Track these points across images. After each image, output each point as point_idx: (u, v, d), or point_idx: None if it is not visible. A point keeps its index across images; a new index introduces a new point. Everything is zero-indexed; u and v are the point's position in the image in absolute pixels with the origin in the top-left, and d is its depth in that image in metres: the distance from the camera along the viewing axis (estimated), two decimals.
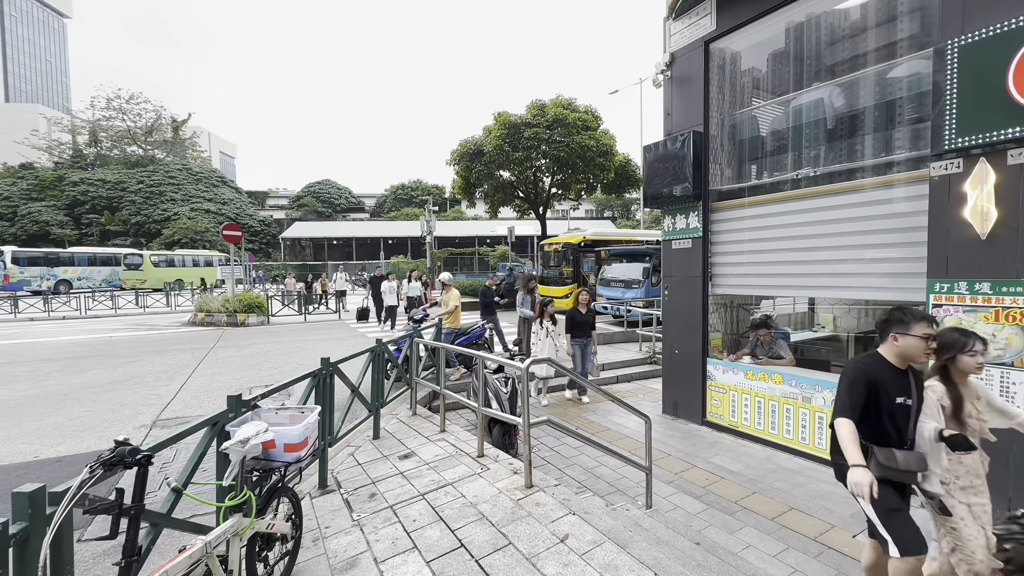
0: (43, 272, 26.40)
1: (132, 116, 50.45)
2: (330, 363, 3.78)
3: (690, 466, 4.69)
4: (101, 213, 40.42)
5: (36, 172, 42.83)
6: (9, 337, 12.11)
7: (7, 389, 6.92)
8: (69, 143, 49.70)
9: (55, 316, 16.83)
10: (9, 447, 4.76)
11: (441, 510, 3.23)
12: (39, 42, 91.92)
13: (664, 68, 6.10)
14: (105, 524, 3.21)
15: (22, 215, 37.69)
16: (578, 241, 15.90)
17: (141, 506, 1.68)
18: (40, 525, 1.47)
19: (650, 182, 6.11)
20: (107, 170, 44.57)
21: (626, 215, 59.81)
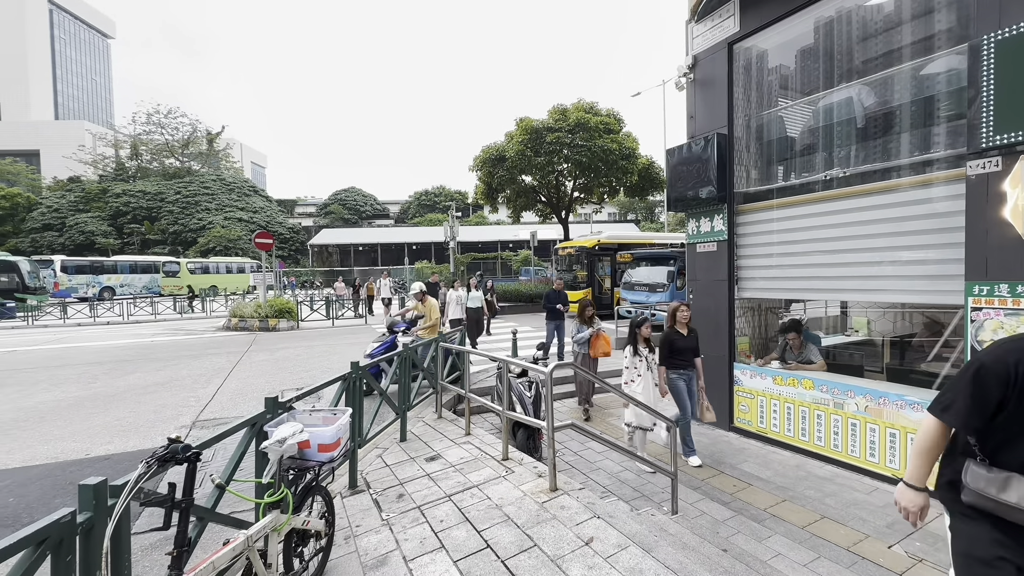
0: (89, 279, 27.84)
1: (170, 130, 52.78)
2: (359, 367, 3.90)
3: (717, 472, 4.63)
4: (141, 223, 42.35)
5: (83, 185, 45.20)
6: (60, 341, 12.82)
7: (60, 391, 7.34)
8: (112, 157, 52.32)
9: (100, 321, 17.71)
10: (63, 445, 5.06)
11: (467, 511, 3.29)
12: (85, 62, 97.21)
13: (687, 71, 6.08)
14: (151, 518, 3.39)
15: (70, 226, 39.80)
16: (592, 245, 15.83)
17: (191, 500, 1.79)
18: (102, 515, 1.59)
19: (674, 185, 6.08)
20: (147, 182, 46.68)
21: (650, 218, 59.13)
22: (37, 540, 1.40)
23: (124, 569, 1.73)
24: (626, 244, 16.77)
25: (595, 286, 15.72)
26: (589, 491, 3.57)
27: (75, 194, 43.07)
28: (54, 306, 20.50)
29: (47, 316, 18.59)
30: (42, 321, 17.69)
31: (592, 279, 15.63)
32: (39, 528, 1.41)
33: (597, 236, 16.52)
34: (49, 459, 4.71)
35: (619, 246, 16.54)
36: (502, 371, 4.52)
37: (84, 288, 27.21)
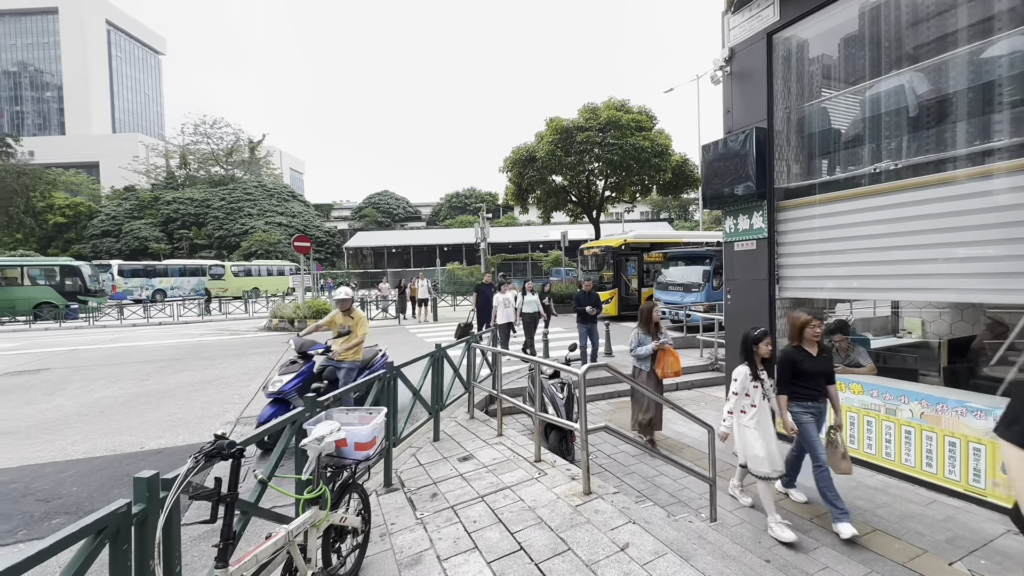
0: (142, 282, 29.55)
1: (215, 139, 55.43)
2: (393, 367, 3.97)
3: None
4: (190, 228, 44.62)
5: (137, 193, 48.05)
6: (116, 341, 13.64)
7: (117, 387, 7.80)
8: (163, 166, 55.36)
9: (152, 322, 18.75)
10: (121, 439, 5.37)
11: (500, 512, 3.29)
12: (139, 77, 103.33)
13: (723, 64, 5.89)
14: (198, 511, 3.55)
15: (126, 232, 42.37)
16: (618, 244, 15.54)
17: (235, 494, 1.86)
18: (155, 507, 1.67)
19: (710, 182, 5.91)
20: (194, 189, 49.14)
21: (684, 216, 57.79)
22: (97, 529, 1.48)
23: (175, 559, 1.81)
24: (654, 243, 16.42)
25: (622, 287, 15.45)
26: (624, 495, 3.50)
27: (130, 202, 45.82)
28: (112, 307, 21.86)
29: (106, 317, 19.83)
30: (101, 322, 18.89)
31: (618, 280, 15.37)
32: (99, 518, 1.49)
33: (623, 236, 16.25)
34: (108, 451, 5.01)
35: (647, 245, 16.20)
36: (534, 372, 4.50)
37: (138, 290, 28.91)
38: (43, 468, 4.59)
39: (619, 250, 15.50)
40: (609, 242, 16.00)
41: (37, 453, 4.98)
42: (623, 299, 15.31)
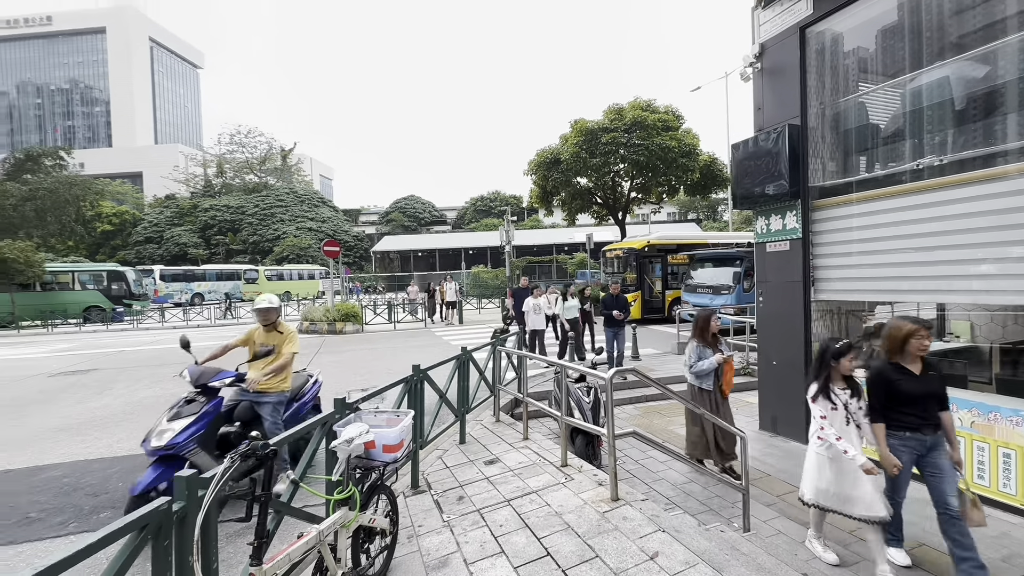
0: (182, 287, 30.83)
1: (249, 148, 57.53)
2: (420, 370, 4.01)
3: (793, 488, 4.29)
4: (226, 234, 46.35)
5: (177, 202, 50.24)
6: (158, 343, 14.26)
7: (159, 388, 8.15)
8: (201, 175, 57.76)
9: (191, 324, 19.53)
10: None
11: (527, 517, 3.27)
12: (178, 91, 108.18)
13: (753, 60, 5.74)
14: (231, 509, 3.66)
15: (167, 238, 44.35)
16: (641, 246, 15.30)
17: (269, 494, 1.91)
18: (194, 505, 1.72)
19: (740, 182, 5.76)
20: (230, 197, 51.05)
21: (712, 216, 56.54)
22: (140, 525, 1.55)
23: (212, 555, 1.86)
24: (679, 244, 16.10)
25: (645, 289, 15.21)
26: (652, 502, 3.44)
27: (171, 210, 47.93)
28: (154, 311, 22.89)
29: (148, 320, 20.77)
30: (144, 324, 19.80)
31: (642, 282, 15.12)
32: (142, 514, 1.55)
33: (646, 237, 16.00)
34: None
35: (672, 247, 15.89)
36: (560, 376, 4.48)
37: (178, 294, 30.16)
38: (92, 464, 4.83)
39: (642, 252, 15.28)
40: (632, 244, 15.80)
41: (87, 449, 5.25)
42: (647, 302, 15.08)
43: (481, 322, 17.38)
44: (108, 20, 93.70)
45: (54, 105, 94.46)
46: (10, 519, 3.74)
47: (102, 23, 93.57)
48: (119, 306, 21.79)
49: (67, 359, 11.57)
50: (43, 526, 3.63)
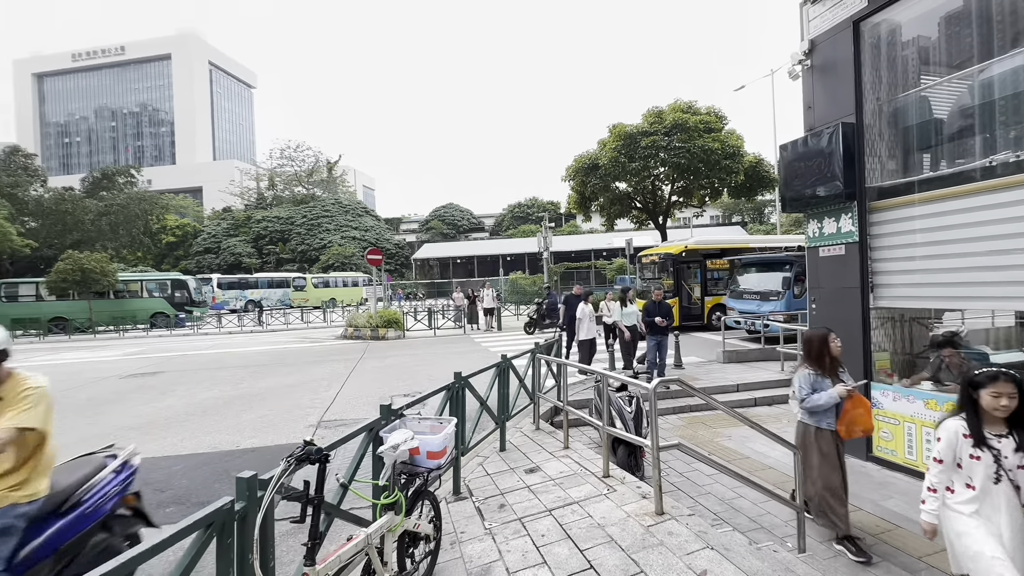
0: (237, 294, 32.62)
1: (298, 162, 60.40)
2: (462, 377, 4.06)
3: (854, 508, 4.04)
4: (276, 244, 48.72)
5: (232, 214, 53.32)
6: (215, 347, 15.14)
7: (217, 390, 8.64)
8: (254, 188, 61.09)
9: (245, 330, 20.61)
10: (220, 437, 5.94)
11: (568, 528, 3.24)
12: (235, 109, 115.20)
13: (802, 57, 5.52)
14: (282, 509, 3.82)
15: (223, 249, 47.09)
16: (678, 251, 14.80)
17: (321, 497, 1.99)
18: (254, 505, 1.82)
19: (789, 184, 5.53)
20: (280, 208, 53.66)
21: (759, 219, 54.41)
22: (207, 523, 1.65)
23: (270, 554, 1.96)
24: (723, 249, 15.50)
25: (683, 296, 14.74)
26: (699, 517, 3.33)
27: (227, 222, 50.89)
28: (212, 317, 24.33)
29: (207, 325, 22.09)
30: (203, 329, 21.07)
31: (679, 288, 14.64)
32: (209, 512, 1.66)
33: (684, 242, 15.51)
34: (209, 448, 5.55)
35: (712, 251, 15.32)
36: (600, 385, 4.42)
37: (233, 301, 31.93)
38: (158, 461, 5.17)
39: (680, 257, 14.81)
40: (669, 248, 15.36)
41: (154, 447, 5.63)
42: (685, 308, 14.63)
43: (519, 329, 17.41)
44: (173, 47, 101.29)
45: (126, 127, 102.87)
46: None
47: (168, 50, 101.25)
48: (182, 312, 23.30)
49: (136, 362, 12.47)
50: None
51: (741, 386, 7.77)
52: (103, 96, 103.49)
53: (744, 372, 8.60)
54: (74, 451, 5.15)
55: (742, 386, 7.78)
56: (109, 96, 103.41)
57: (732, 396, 7.45)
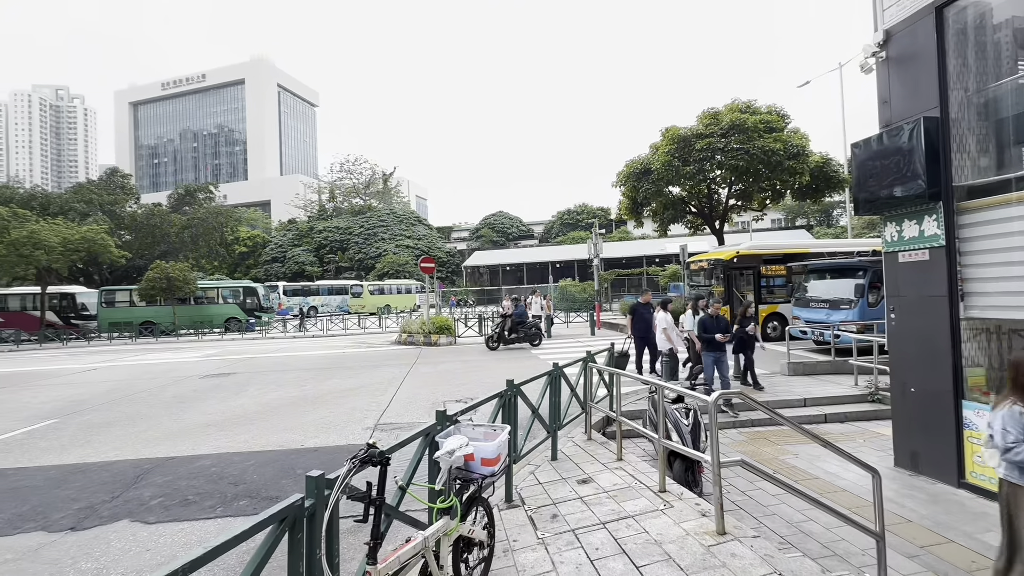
0: (300, 301, 34.58)
1: (356, 175, 63.53)
2: (514, 385, 4.08)
3: (943, 540, 3.67)
4: (336, 253, 51.28)
5: (296, 225, 56.73)
6: (281, 351, 16.10)
7: (283, 391, 9.18)
8: (316, 201, 64.73)
9: (308, 335, 21.78)
10: (286, 436, 6.30)
11: (623, 543, 3.16)
12: (299, 127, 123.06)
13: (876, 49, 5.16)
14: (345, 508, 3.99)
15: (288, 258, 50.16)
16: (729, 257, 13.95)
17: (383, 498, 2.06)
18: (322, 503, 1.92)
19: (863, 184, 5.16)
20: (340, 219, 56.49)
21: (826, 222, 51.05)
22: (280, 518, 1.76)
23: (335, 550, 2.05)
24: (775, 255, 14.53)
25: (734, 304, 13.96)
26: (765, 540, 3.14)
27: (292, 233, 54.20)
28: (278, 321, 25.92)
29: (274, 330, 23.56)
30: (271, 334, 22.48)
31: (730, 296, 13.85)
32: (282, 508, 1.76)
33: (736, 247, 14.67)
34: (277, 446, 5.89)
35: (765, 257, 14.39)
36: (656, 396, 4.30)
37: (297, 308, 33.88)
38: (232, 456, 5.56)
39: (731, 263, 13.99)
40: (720, 254, 14.59)
41: (228, 443, 6.05)
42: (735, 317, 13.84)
43: (569, 336, 17.25)
44: (246, 72, 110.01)
45: (205, 147, 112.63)
46: (174, 500, 4.42)
47: (242, 76, 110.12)
48: (252, 317, 25.00)
49: (213, 363, 13.50)
50: (197, 508, 4.24)
51: (809, 401, 7.28)
52: (186, 120, 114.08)
53: (812, 386, 8.05)
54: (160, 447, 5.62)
55: (810, 401, 7.29)
56: (192, 119, 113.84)
57: (798, 411, 7.00)
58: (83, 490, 4.71)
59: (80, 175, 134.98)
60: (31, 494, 4.65)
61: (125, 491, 4.65)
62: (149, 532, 3.84)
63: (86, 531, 3.88)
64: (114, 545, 3.65)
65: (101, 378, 11.62)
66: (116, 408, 8.21)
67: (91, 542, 3.70)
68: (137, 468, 5.25)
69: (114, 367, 13.65)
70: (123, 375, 12.00)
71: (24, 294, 25.43)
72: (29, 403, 8.95)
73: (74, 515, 4.17)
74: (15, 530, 3.93)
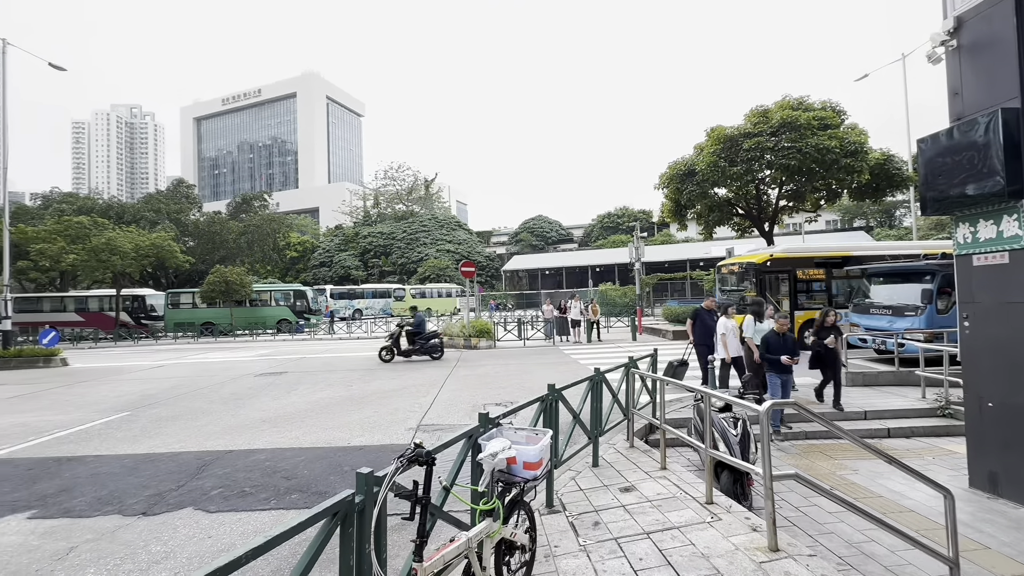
0: (346, 303, 35.87)
1: (399, 181, 65.37)
2: (555, 389, 4.07)
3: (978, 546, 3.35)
4: (380, 258, 52.87)
5: (343, 231, 58.93)
6: (328, 351, 16.74)
7: (330, 391, 9.54)
8: (361, 207, 67.06)
9: (353, 337, 22.54)
10: (333, 434, 6.53)
11: (668, 554, 3.08)
12: (346, 137, 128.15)
13: (946, 37, 4.81)
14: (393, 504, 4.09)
15: (335, 262, 52.16)
16: (762, 260, 13.13)
17: (428, 497, 2.11)
18: (371, 499, 1.98)
19: (932, 182, 4.81)
20: (383, 224, 58.26)
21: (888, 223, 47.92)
22: (332, 512, 1.83)
23: (383, 545, 2.11)
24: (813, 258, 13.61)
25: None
26: (821, 560, 2.97)
27: (338, 238, 56.34)
28: (325, 323, 26.99)
29: (321, 331, 24.52)
30: (318, 335, 23.41)
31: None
32: (334, 502, 1.84)
33: (770, 250, 13.85)
34: (325, 444, 6.12)
35: (802, 260, 13.46)
36: (702, 404, 4.17)
37: (343, 311, 35.15)
38: (285, 452, 5.82)
39: (763, 267, 13.16)
40: (751, 257, 13.76)
41: (281, 439, 6.35)
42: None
43: (609, 341, 17.00)
44: (298, 86, 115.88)
45: (260, 158, 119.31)
46: (232, 491, 4.68)
47: (294, 89, 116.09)
48: (301, 319, 26.17)
49: (266, 362, 14.21)
50: (254, 500, 4.47)
51: (870, 413, 6.83)
52: (244, 132, 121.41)
53: (873, 397, 7.55)
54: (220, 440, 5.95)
55: (871, 413, 6.83)
56: (248, 132, 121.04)
57: (858, 424, 6.59)
58: (153, 478, 5.08)
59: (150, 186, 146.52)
60: (108, 480, 5.06)
61: (189, 481, 4.97)
62: (210, 520, 4.08)
63: (155, 516, 4.17)
64: (180, 531, 3.90)
65: (167, 375, 12.48)
66: (181, 403, 8.80)
67: (160, 527, 3.98)
68: (200, 460, 5.60)
69: (178, 364, 14.64)
70: (186, 372, 12.85)
71: (101, 296, 27.79)
72: (107, 396, 9.73)
73: (145, 501, 4.49)
74: (96, 512, 4.28)
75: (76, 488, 4.86)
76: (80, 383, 11.67)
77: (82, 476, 5.20)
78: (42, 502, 4.55)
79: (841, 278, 13.57)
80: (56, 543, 3.76)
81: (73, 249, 23.03)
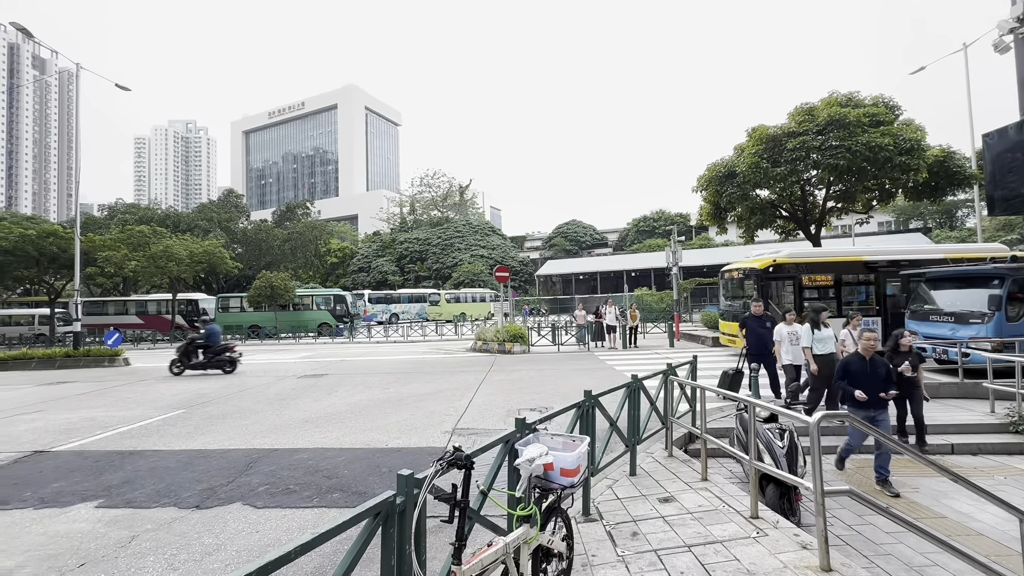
0: (383, 308, 36.75)
1: (434, 188, 66.60)
2: (592, 396, 4.02)
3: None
4: (416, 263, 53.91)
5: (380, 237, 60.48)
6: (367, 354, 17.17)
7: (369, 393, 9.78)
8: (398, 214, 68.69)
9: (390, 340, 23.04)
10: (372, 435, 6.69)
11: (711, 569, 2.97)
12: (384, 146, 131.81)
13: (1015, 25, 4.50)
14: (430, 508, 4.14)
15: (373, 268, 53.57)
16: (764, 266, 12.30)
17: (467, 501, 2.12)
18: (411, 500, 2.02)
19: (999, 180, 4.50)
20: (419, 230, 59.41)
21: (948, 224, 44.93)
22: (375, 512, 1.87)
23: (423, 546, 2.14)
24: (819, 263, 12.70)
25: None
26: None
27: (376, 244, 57.86)
28: (364, 327, 27.73)
29: (359, 335, 25.18)
30: (357, 339, 24.06)
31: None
32: (377, 503, 1.88)
33: (774, 255, 13.02)
34: (364, 445, 6.27)
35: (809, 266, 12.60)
36: (745, 414, 4.02)
37: (380, 314, 36.03)
38: (326, 452, 6.01)
39: (766, 273, 12.39)
40: (754, 263, 12.93)
41: (322, 439, 6.55)
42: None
43: (645, 347, 16.66)
44: (339, 98, 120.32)
45: (303, 168, 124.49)
46: (278, 488, 4.87)
47: (335, 101, 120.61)
48: (340, 323, 26.99)
49: (307, 364, 14.73)
50: (297, 497, 4.63)
51: (930, 427, 6.37)
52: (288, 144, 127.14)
53: (933, 411, 7.04)
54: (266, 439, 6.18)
55: (932, 427, 6.37)
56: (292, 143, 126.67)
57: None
58: (205, 473, 5.34)
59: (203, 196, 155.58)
60: (165, 474, 5.36)
61: (238, 477, 5.20)
62: (258, 515, 4.26)
63: (208, 510, 4.39)
64: (230, 525, 4.09)
65: (218, 375, 13.14)
66: (230, 402, 9.23)
67: (212, 520, 4.18)
68: (247, 457, 5.85)
69: None
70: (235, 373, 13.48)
71: (159, 300, 29.60)
72: (164, 394, 10.34)
73: (198, 495, 4.73)
74: (154, 504, 4.55)
75: (137, 480, 5.18)
76: (140, 381, 12.46)
77: (142, 469, 5.54)
78: (107, 492, 4.87)
79: (851, 284, 12.78)
80: (120, 531, 4.01)
81: (135, 256, 24.66)
